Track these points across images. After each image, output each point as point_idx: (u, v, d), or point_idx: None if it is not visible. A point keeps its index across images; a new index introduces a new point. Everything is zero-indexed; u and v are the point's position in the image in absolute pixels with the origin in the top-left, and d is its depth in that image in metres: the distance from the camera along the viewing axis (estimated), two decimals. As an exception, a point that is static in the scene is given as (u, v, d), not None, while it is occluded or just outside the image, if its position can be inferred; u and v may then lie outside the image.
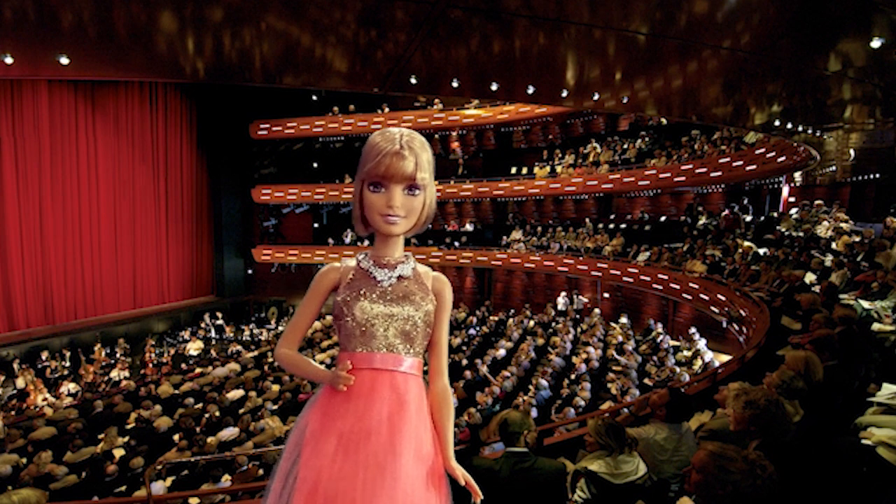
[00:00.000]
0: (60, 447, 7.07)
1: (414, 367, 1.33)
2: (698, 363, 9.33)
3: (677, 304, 12.48)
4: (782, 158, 10.08)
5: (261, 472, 5.93)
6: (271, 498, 1.24)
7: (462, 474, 1.31)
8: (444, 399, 1.38)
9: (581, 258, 13.93)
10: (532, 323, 13.78)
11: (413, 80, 5.41)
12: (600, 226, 14.67)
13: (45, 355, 12.58)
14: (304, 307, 1.38)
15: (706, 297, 9.87)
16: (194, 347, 14.55)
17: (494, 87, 5.91)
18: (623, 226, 14.38)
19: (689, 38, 4.36)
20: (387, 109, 17.52)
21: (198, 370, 11.73)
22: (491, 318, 14.92)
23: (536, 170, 15.91)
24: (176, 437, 7.57)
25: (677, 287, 11.04)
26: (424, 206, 1.31)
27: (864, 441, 2.39)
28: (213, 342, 15.47)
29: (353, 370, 1.29)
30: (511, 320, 14.33)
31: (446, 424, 1.36)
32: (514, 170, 16.48)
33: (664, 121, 13.97)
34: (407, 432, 1.23)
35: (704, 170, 11.65)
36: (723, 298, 9.15)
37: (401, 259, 1.37)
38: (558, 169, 15.51)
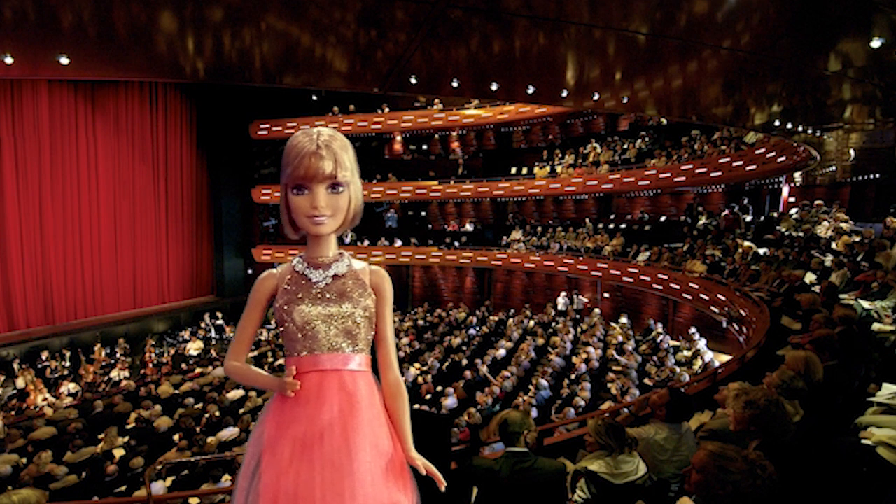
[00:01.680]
0: (60, 447, 7.07)
1: (361, 364, 1.33)
2: (698, 363, 9.33)
3: (677, 304, 12.48)
4: (782, 158, 10.08)
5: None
6: None
7: (423, 464, 1.31)
8: (397, 391, 1.38)
9: (581, 258, 13.93)
10: (532, 323, 13.78)
11: (413, 80, 5.41)
12: (600, 226, 14.68)
13: (45, 355, 12.57)
14: (246, 318, 1.39)
15: (706, 297, 9.87)
16: (194, 347, 14.54)
17: (494, 87, 5.91)
18: (623, 226, 14.38)
19: (689, 38, 4.36)
20: (387, 109, 17.52)
21: (198, 370, 11.73)
22: (491, 318, 14.92)
23: (536, 170, 15.91)
24: (176, 437, 7.57)
25: (677, 287, 11.04)
26: (350, 203, 1.31)
27: (864, 441, 2.39)
28: (213, 342, 15.45)
29: (300, 374, 1.29)
30: (511, 320, 14.33)
31: (402, 416, 1.36)
32: (514, 170, 16.48)
33: (664, 121, 13.98)
34: (360, 429, 1.24)
35: (704, 170, 11.65)
36: (723, 298, 9.15)
37: (335, 258, 1.37)
38: (558, 169, 15.51)
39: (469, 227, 17.28)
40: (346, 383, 1.29)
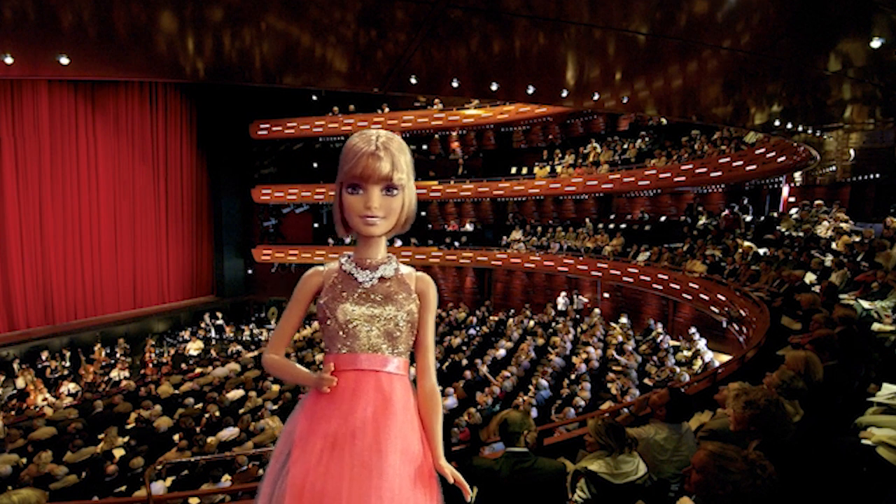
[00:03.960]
0: (60, 447, 7.07)
1: (400, 368, 1.33)
2: (698, 363, 9.33)
3: (677, 304, 12.48)
4: (782, 158, 10.08)
5: (261, 472, 5.92)
6: (261, 502, 1.25)
7: (451, 472, 1.31)
8: (432, 398, 1.38)
9: (581, 258, 13.93)
10: (532, 323, 13.78)
11: (413, 80, 5.41)
12: (600, 226, 14.67)
13: (45, 355, 12.57)
14: (289, 312, 1.39)
15: (706, 297, 9.87)
16: (194, 347, 14.54)
17: (494, 87, 5.92)
18: (623, 226, 14.38)
19: (689, 38, 4.36)
20: (387, 109, 17.52)
21: (198, 370, 11.72)
22: (491, 318, 14.92)
23: (536, 170, 15.91)
24: (176, 437, 7.57)
25: (677, 287, 11.04)
26: (404, 206, 1.32)
27: (864, 441, 2.39)
28: (213, 342, 15.46)
29: (338, 372, 1.29)
30: (511, 320, 14.33)
31: (434, 423, 1.36)
32: (514, 170, 16.48)
33: (664, 121, 13.97)
34: (392, 432, 1.24)
35: (704, 170, 11.65)
36: (723, 298, 9.15)
37: (383, 260, 1.37)
38: (558, 169, 15.51)
39: (469, 227, 17.28)
40: (383, 385, 1.29)
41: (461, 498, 1.33)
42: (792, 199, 12.17)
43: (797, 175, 12.29)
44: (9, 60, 4.39)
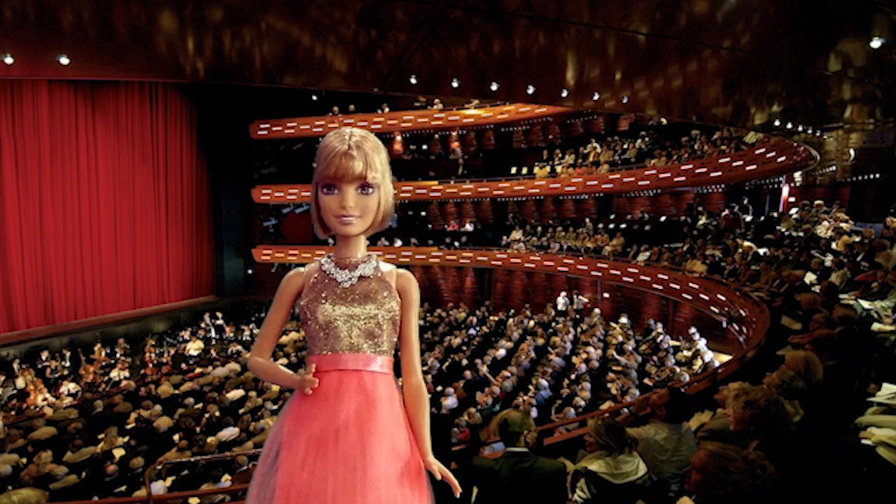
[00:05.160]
0: (60, 447, 7.07)
1: (383, 366, 1.34)
2: (698, 363, 9.33)
3: (677, 304, 12.48)
4: (782, 158, 10.08)
5: (261, 472, 5.92)
6: (250, 503, 1.26)
7: (439, 469, 1.31)
8: (418, 395, 1.38)
9: (581, 258, 13.93)
10: (532, 323, 13.78)
11: (413, 80, 5.41)
12: (600, 226, 14.68)
13: (45, 355, 12.57)
14: (272, 315, 1.39)
15: (706, 297, 9.87)
16: (194, 347, 14.53)
17: (494, 87, 5.92)
18: (623, 226, 14.38)
19: (689, 38, 4.36)
20: (387, 109, 17.52)
21: (198, 370, 11.73)
22: (491, 318, 14.92)
23: (536, 170, 15.91)
24: (176, 437, 7.58)
25: (677, 287, 11.04)
26: (380, 204, 1.31)
27: (864, 441, 2.39)
28: (213, 342, 15.45)
29: (320, 372, 1.30)
30: (511, 320, 14.33)
31: (421, 421, 1.36)
32: (514, 170, 16.48)
33: (664, 121, 13.97)
34: (377, 430, 1.24)
35: (704, 170, 11.65)
36: (723, 298, 9.15)
37: (362, 259, 1.37)
38: (558, 169, 15.51)
39: (469, 227, 17.28)
40: (366, 384, 1.29)
41: (453, 495, 1.32)
42: (792, 199, 12.17)
43: (797, 175, 12.29)
44: (9, 60, 4.39)
